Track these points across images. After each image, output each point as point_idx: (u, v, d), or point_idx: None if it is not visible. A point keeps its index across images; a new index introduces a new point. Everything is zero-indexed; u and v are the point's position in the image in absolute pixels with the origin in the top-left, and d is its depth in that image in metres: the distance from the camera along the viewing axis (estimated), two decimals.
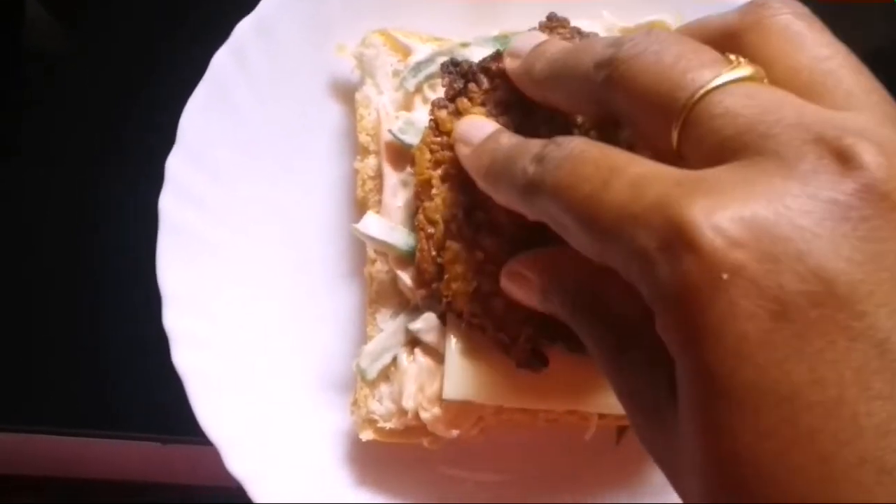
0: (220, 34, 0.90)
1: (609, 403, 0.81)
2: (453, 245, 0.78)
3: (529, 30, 0.80)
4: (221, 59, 0.91)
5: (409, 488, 0.89)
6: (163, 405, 0.94)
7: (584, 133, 0.77)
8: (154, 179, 0.88)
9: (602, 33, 0.83)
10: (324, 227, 0.94)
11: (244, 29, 0.91)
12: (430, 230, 0.79)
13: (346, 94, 0.94)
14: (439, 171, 0.80)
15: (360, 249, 0.90)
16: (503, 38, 0.87)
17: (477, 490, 0.91)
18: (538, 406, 0.82)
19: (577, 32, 0.80)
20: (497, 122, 0.79)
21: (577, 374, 0.81)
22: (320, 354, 0.92)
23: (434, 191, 0.80)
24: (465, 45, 0.88)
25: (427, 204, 0.80)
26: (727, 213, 0.43)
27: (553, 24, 0.80)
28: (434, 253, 0.79)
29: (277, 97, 0.93)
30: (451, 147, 0.79)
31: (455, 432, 0.83)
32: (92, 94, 1.04)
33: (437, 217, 0.79)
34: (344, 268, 0.94)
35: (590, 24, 0.84)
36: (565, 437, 0.90)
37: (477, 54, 0.84)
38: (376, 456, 0.88)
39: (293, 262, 0.93)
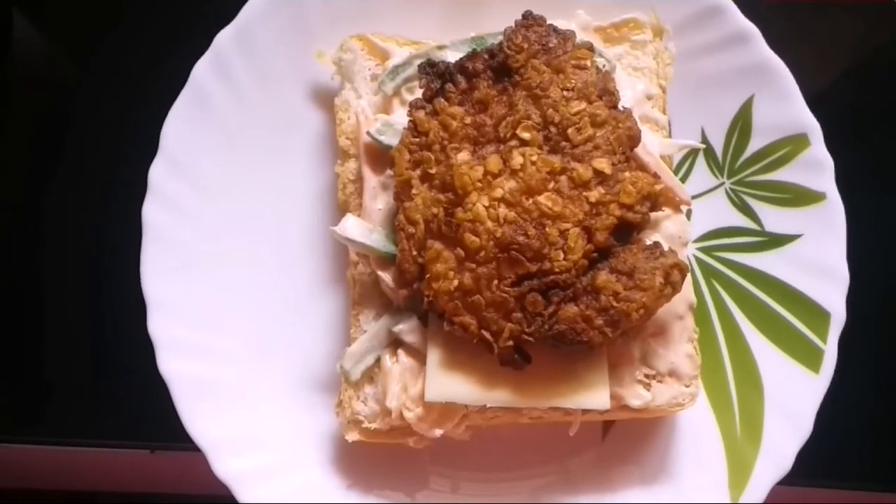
0: (200, 44, 0.92)
1: (591, 400, 0.82)
2: (434, 244, 0.79)
3: (505, 29, 0.82)
4: (202, 69, 0.92)
5: (397, 488, 0.89)
6: (152, 414, 0.95)
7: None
8: (138, 188, 0.89)
9: (578, 32, 0.85)
10: (307, 231, 0.95)
11: (224, 39, 0.92)
12: (411, 230, 0.80)
13: (327, 100, 0.95)
14: (418, 172, 0.81)
15: (343, 253, 0.91)
16: (479, 40, 0.88)
17: (465, 488, 0.91)
18: (521, 404, 0.82)
19: (553, 30, 0.82)
20: (475, 120, 0.80)
21: (559, 370, 0.81)
22: (305, 358, 0.92)
23: (414, 191, 0.80)
24: (441, 47, 0.89)
25: (407, 204, 0.80)
26: None
27: (529, 22, 0.82)
28: (415, 252, 0.80)
29: (258, 105, 0.94)
30: (429, 147, 0.81)
31: (439, 432, 0.83)
32: (76, 105, 1.05)
33: (418, 217, 0.80)
34: (327, 272, 0.95)
35: (565, 23, 0.86)
36: (552, 433, 0.90)
37: (453, 56, 0.86)
38: (363, 457, 0.89)
39: (277, 267, 0.94)
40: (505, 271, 0.77)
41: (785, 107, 0.93)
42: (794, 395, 0.90)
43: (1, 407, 1.00)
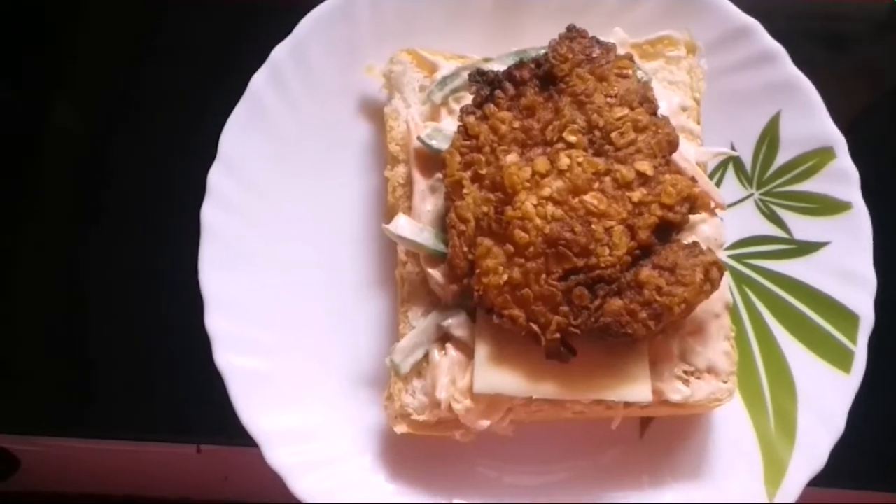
0: (257, 58, 0.97)
1: (634, 393, 0.85)
2: (485, 241, 0.83)
3: (550, 41, 0.87)
4: (259, 81, 0.97)
5: (442, 479, 0.92)
6: (200, 412, 0.98)
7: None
8: (197, 191, 0.94)
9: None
10: (355, 234, 0.99)
11: (280, 53, 0.97)
12: (462, 227, 0.84)
13: (375, 112, 1.00)
14: (469, 173, 0.85)
15: (391, 256, 0.95)
16: (522, 53, 0.93)
17: (507, 480, 0.93)
18: (566, 397, 0.85)
19: (596, 42, 0.87)
20: (523, 124, 0.85)
21: (602, 364, 0.84)
22: (354, 354, 0.96)
23: (465, 190, 0.85)
24: (487, 60, 0.94)
25: (458, 203, 0.85)
26: None
27: (573, 34, 0.87)
28: (466, 249, 0.84)
29: (310, 115, 0.99)
30: (479, 149, 0.85)
31: (486, 423, 0.86)
32: (141, 113, 1.10)
33: (469, 215, 0.84)
34: (376, 272, 0.99)
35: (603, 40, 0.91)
36: (592, 431, 0.93)
37: (498, 69, 0.90)
38: (411, 449, 0.92)
39: (327, 267, 0.98)
40: (552, 266, 0.81)
41: (811, 121, 0.98)
42: (826, 394, 0.93)
43: (49, 403, 1.02)
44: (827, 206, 0.98)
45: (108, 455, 1.04)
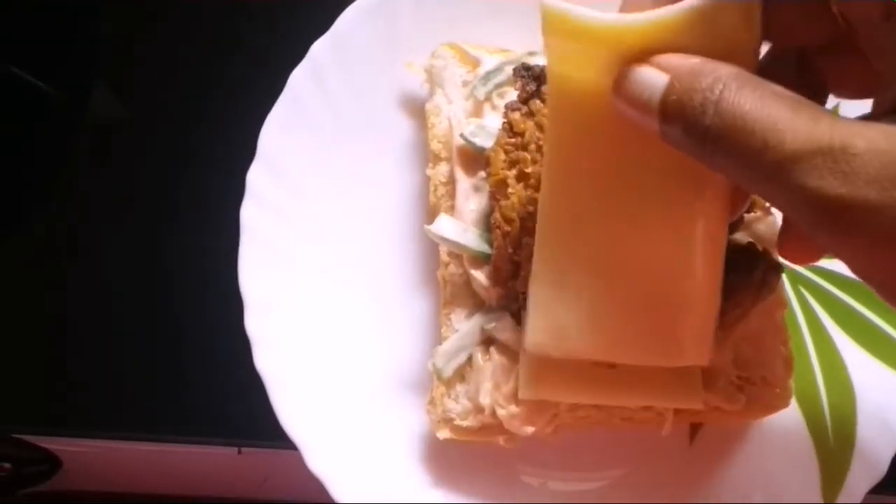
0: (297, 54, 0.95)
1: (684, 399, 0.82)
2: (530, 242, 0.80)
3: None
4: (298, 77, 0.95)
5: (486, 486, 0.90)
6: (240, 413, 0.97)
7: None
8: (236, 191, 0.92)
9: None
10: (397, 234, 0.97)
11: (319, 48, 0.96)
12: (507, 228, 0.82)
13: (416, 108, 0.98)
14: (514, 171, 0.83)
15: (433, 255, 0.93)
16: None
17: (552, 486, 0.91)
18: (614, 402, 0.83)
19: None
20: None
21: (651, 369, 0.81)
22: (397, 357, 0.94)
23: (510, 190, 0.82)
24: (531, 54, 0.91)
25: (503, 203, 0.82)
26: None
27: None
28: (510, 251, 0.82)
29: (351, 112, 0.97)
30: (525, 147, 0.83)
31: (531, 429, 0.84)
32: (179, 111, 1.09)
33: (514, 215, 0.81)
34: (417, 273, 0.96)
35: None
36: (639, 437, 0.90)
37: (543, 62, 0.88)
38: (454, 455, 0.90)
39: (369, 268, 0.96)
40: None
41: None
42: (886, 399, 0.89)
43: (91, 405, 1.02)
44: None
45: (150, 455, 1.03)
